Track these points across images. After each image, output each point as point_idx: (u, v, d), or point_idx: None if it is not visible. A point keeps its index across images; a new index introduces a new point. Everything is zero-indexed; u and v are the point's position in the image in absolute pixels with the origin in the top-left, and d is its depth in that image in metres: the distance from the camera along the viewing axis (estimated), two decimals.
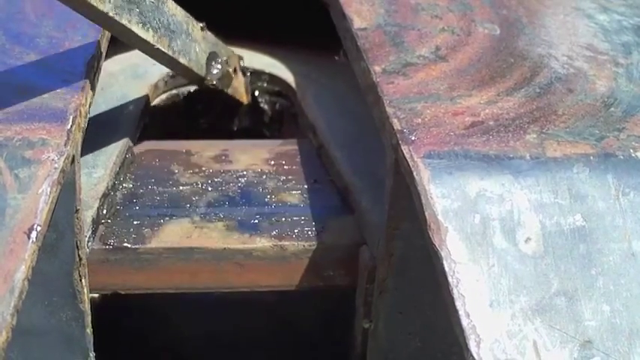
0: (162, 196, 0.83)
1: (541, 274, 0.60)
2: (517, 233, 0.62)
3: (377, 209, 0.79)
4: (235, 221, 0.81)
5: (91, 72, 0.73)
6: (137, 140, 0.93)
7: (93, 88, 0.73)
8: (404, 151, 0.66)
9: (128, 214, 0.80)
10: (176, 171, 0.87)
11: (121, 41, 0.97)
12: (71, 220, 0.65)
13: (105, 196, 0.78)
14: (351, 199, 0.84)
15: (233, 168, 0.89)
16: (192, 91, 1.08)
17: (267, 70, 1.09)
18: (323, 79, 1.06)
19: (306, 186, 0.87)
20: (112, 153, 0.83)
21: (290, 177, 0.88)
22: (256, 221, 0.81)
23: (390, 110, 0.71)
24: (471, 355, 0.56)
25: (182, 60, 0.85)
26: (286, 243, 0.79)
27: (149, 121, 0.99)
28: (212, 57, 0.95)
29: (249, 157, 0.91)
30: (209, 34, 0.94)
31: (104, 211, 0.78)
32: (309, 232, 0.80)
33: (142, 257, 0.77)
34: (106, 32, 0.83)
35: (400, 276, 0.74)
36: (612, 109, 0.74)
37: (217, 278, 0.79)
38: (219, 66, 0.95)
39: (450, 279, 0.59)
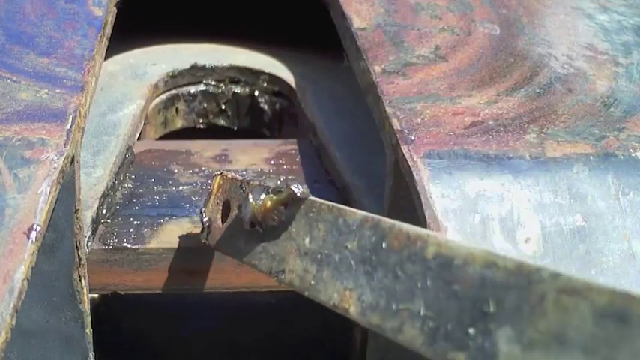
0: (162, 196, 0.83)
1: None
2: (517, 233, 0.62)
3: (377, 209, 0.79)
4: None
5: (91, 72, 0.73)
6: (137, 140, 0.93)
7: (93, 88, 0.73)
8: (404, 151, 0.66)
9: (128, 214, 0.80)
10: (176, 171, 0.87)
11: (121, 41, 0.97)
12: (71, 220, 0.65)
13: (105, 196, 0.78)
14: (351, 199, 0.84)
15: (233, 168, 0.89)
16: (192, 91, 1.08)
17: (267, 70, 1.09)
18: (323, 79, 1.06)
19: (306, 186, 0.87)
20: (111, 153, 0.83)
21: (290, 177, 0.88)
22: None
23: (389, 110, 0.71)
24: None
25: None
26: None
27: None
28: None
29: (249, 157, 0.91)
30: None
31: (104, 211, 0.78)
32: None
33: (141, 257, 0.77)
34: (106, 32, 0.83)
35: None
36: (612, 109, 0.74)
37: (217, 278, 0.79)
38: None
39: None
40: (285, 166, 0.89)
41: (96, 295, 0.88)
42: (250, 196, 0.62)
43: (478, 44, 0.85)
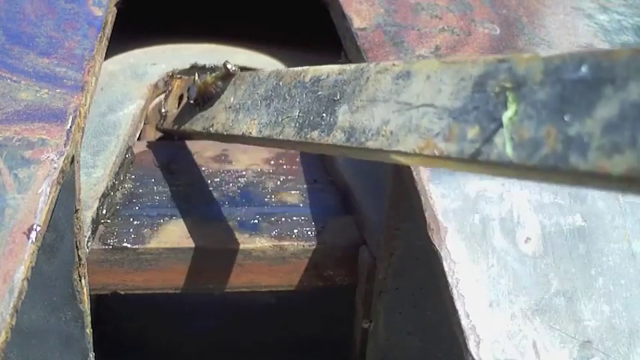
0: (162, 196, 0.83)
1: (541, 274, 0.60)
2: (517, 233, 0.62)
3: (377, 209, 0.79)
4: (235, 221, 0.81)
5: (91, 72, 0.73)
6: (137, 140, 0.93)
7: (93, 88, 0.73)
8: None
9: (128, 214, 0.80)
10: (176, 171, 0.87)
11: (121, 41, 0.96)
12: (71, 220, 0.65)
13: (105, 196, 0.78)
14: (351, 199, 0.84)
15: (233, 168, 0.89)
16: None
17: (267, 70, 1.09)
18: None
19: (306, 186, 0.87)
20: (111, 153, 0.83)
21: (290, 177, 0.88)
22: (256, 221, 0.81)
23: None
24: (471, 355, 0.56)
25: None
26: (286, 243, 0.79)
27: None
28: None
29: (249, 157, 0.91)
30: None
31: (104, 211, 0.78)
32: (309, 232, 0.80)
33: (141, 257, 0.77)
34: (106, 32, 0.83)
35: (400, 276, 0.74)
36: None
37: (217, 278, 0.79)
38: None
39: (449, 279, 0.59)
40: (285, 166, 0.89)
41: (96, 295, 0.88)
42: (197, 78, 0.77)
43: (478, 44, 0.85)
